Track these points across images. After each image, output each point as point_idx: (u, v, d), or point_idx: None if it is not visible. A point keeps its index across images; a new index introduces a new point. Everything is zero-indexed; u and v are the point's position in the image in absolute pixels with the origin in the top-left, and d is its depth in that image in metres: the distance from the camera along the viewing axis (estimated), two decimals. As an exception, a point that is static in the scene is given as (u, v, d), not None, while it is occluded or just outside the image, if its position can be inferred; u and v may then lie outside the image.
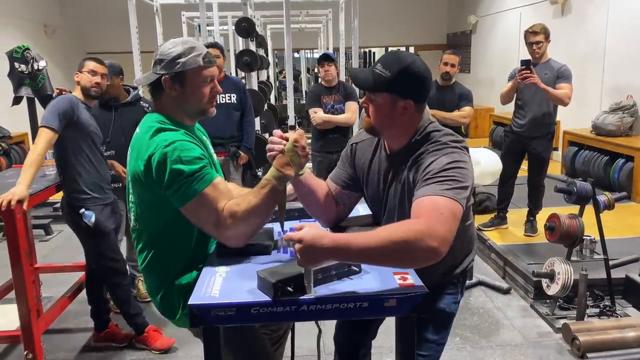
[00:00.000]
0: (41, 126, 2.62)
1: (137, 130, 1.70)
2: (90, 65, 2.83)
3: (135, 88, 3.39)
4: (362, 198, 1.86)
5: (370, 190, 1.77)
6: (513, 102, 4.19)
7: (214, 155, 1.84)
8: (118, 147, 3.19)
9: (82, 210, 2.73)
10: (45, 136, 2.59)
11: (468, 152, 1.58)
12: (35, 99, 4.42)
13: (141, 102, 3.36)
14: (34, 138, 5.28)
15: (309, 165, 4.32)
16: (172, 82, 1.64)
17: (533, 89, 3.95)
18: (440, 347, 1.77)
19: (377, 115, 1.60)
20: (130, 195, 1.71)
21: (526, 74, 3.78)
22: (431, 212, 1.37)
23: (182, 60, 1.62)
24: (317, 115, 4.26)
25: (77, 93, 2.84)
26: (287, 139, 1.55)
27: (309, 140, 4.76)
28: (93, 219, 2.73)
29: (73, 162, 2.74)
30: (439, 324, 1.75)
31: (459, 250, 1.72)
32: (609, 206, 3.21)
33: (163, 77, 1.64)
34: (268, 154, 1.57)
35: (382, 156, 1.72)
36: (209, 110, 1.73)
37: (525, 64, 3.81)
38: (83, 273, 3.25)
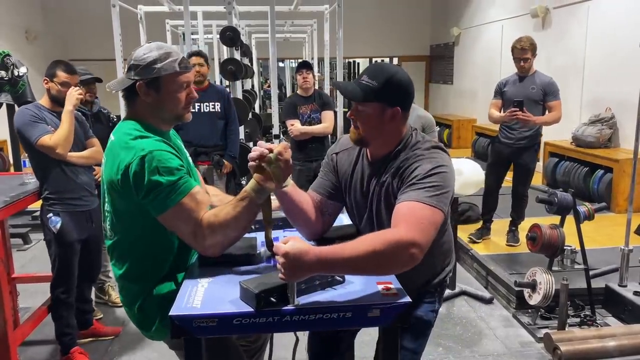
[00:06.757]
0: (36, 143, 2.56)
1: (112, 137, 1.65)
2: (62, 76, 2.67)
3: (96, 97, 3.35)
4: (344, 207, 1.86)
5: (351, 198, 1.79)
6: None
7: (191, 162, 1.80)
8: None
9: (50, 215, 2.69)
10: (48, 139, 2.57)
11: (448, 154, 1.65)
12: (15, 105, 4.36)
13: (101, 110, 3.39)
14: (12, 145, 5.25)
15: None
16: (147, 88, 1.61)
17: (524, 104, 4.02)
18: (416, 357, 1.77)
19: (365, 126, 1.63)
20: (106, 204, 1.67)
21: (517, 115, 3.91)
22: (410, 220, 1.42)
23: (158, 65, 1.59)
24: (295, 127, 4.28)
25: (45, 101, 2.73)
26: (271, 150, 1.50)
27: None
28: (58, 226, 2.67)
29: (43, 173, 2.69)
30: (416, 332, 1.76)
31: (438, 260, 1.78)
32: (589, 217, 3.26)
33: (138, 83, 1.60)
34: (249, 163, 1.52)
35: (364, 164, 1.75)
36: (185, 116, 1.71)
37: (519, 105, 3.92)
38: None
